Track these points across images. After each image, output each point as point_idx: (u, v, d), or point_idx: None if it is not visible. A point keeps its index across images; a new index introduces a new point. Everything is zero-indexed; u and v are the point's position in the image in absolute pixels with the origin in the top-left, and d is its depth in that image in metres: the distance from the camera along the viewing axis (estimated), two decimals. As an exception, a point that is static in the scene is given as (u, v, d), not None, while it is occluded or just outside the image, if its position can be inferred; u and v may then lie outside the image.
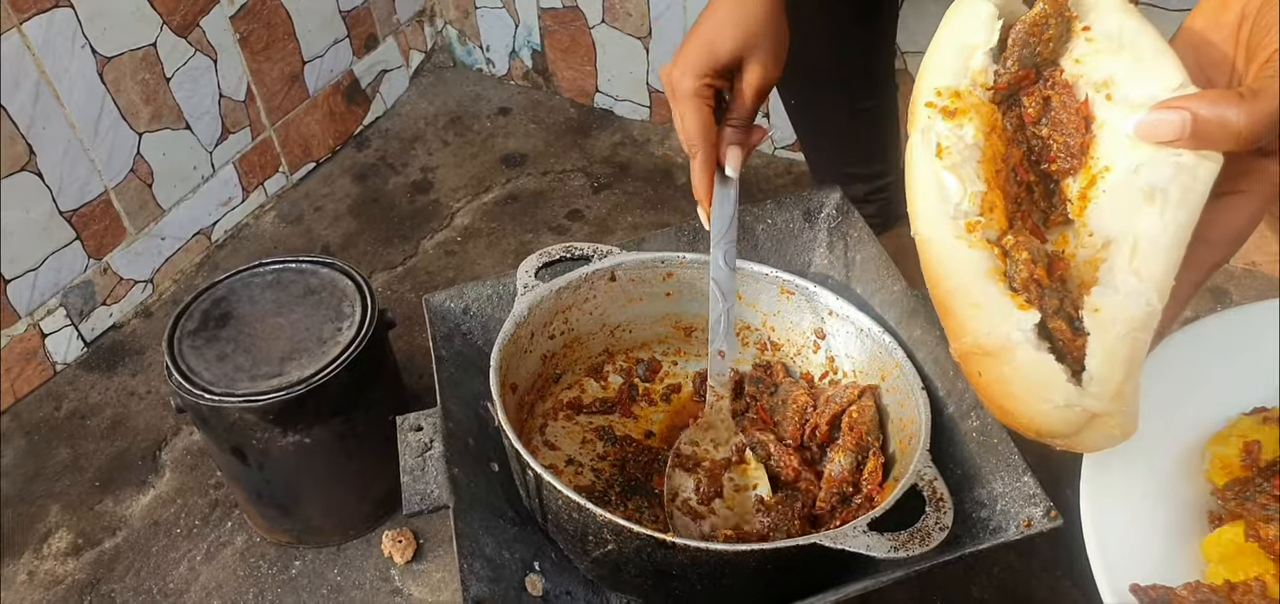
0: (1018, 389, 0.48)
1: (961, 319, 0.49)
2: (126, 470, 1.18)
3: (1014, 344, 0.47)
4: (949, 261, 0.50)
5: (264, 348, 0.95)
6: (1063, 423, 0.48)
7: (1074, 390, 0.47)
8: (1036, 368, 0.47)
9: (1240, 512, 0.52)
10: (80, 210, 1.26)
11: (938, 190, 0.51)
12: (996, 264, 0.49)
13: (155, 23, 1.29)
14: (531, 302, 0.83)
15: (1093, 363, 0.47)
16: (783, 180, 1.55)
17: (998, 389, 0.49)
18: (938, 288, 0.51)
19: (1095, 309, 0.47)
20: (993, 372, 0.49)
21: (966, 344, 0.50)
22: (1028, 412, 0.49)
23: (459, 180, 1.61)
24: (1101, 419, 0.48)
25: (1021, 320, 0.47)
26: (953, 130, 0.51)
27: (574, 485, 0.82)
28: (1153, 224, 0.46)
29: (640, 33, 1.60)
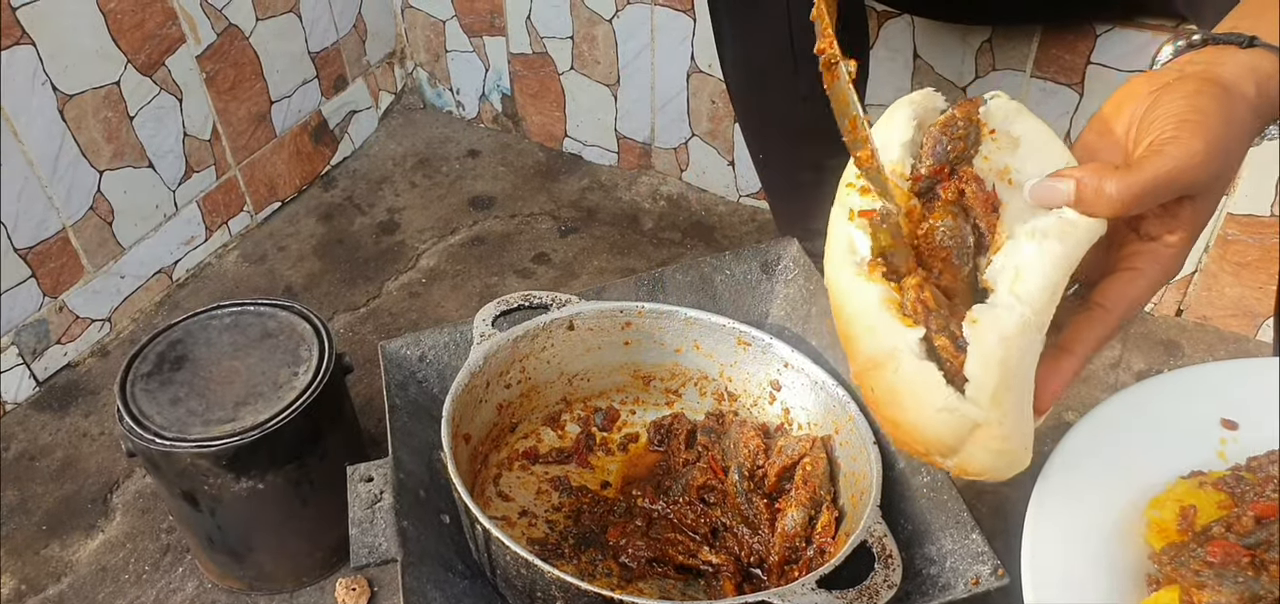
0: (903, 397, 0.53)
1: (857, 341, 0.55)
2: (75, 514, 1.15)
3: (899, 353, 0.52)
4: (850, 294, 0.55)
5: (218, 392, 0.94)
6: (946, 430, 0.52)
7: (953, 394, 0.51)
8: (919, 374, 0.52)
9: (1176, 576, 0.53)
10: (36, 248, 1.25)
11: (846, 244, 0.57)
12: (892, 296, 0.54)
13: (119, 61, 1.29)
14: (487, 351, 0.83)
15: (969, 367, 0.51)
16: (747, 228, 1.57)
17: (887, 400, 0.54)
18: (840, 320, 0.57)
19: (973, 321, 0.51)
20: (882, 383, 0.54)
21: (861, 362, 0.55)
22: (913, 418, 0.53)
23: (426, 221, 1.61)
24: (983, 431, 0.52)
25: (907, 334, 0.52)
26: (864, 202, 0.58)
27: (528, 538, 0.82)
28: (1031, 252, 0.52)
29: (609, 80, 1.62)
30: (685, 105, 1.57)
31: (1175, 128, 0.51)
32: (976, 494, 1.15)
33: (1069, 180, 0.52)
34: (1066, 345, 0.55)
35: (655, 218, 1.60)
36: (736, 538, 0.80)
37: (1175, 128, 0.51)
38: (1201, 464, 0.60)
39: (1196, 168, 0.50)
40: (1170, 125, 0.51)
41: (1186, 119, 0.51)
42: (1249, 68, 0.54)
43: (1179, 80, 0.53)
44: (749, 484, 0.82)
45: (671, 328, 0.91)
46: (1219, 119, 0.51)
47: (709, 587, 0.77)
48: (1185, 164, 0.50)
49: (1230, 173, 0.53)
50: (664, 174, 1.68)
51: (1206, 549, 0.54)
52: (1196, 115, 0.51)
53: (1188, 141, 0.50)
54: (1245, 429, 0.61)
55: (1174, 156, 0.50)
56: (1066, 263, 0.51)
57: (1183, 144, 0.50)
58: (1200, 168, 0.51)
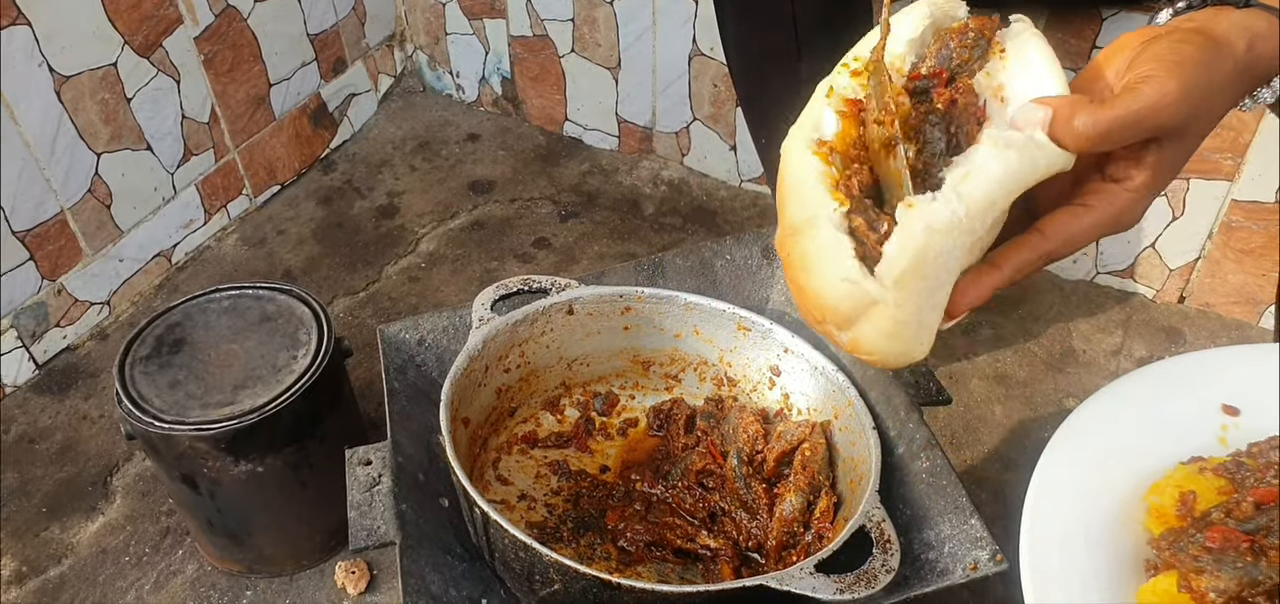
0: (812, 262, 0.54)
1: (787, 207, 0.56)
2: (75, 496, 1.15)
3: (819, 221, 0.53)
4: (794, 165, 0.56)
5: (217, 375, 0.94)
6: (845, 300, 0.53)
7: (856, 266, 0.52)
8: (832, 243, 0.53)
9: (1175, 562, 0.53)
10: (34, 230, 1.24)
11: (813, 120, 0.58)
12: (830, 173, 0.55)
13: (116, 42, 1.28)
14: (486, 335, 0.82)
15: (887, 246, 0.52)
16: (748, 213, 1.57)
17: (799, 265, 0.55)
18: (780, 188, 0.58)
19: (909, 206, 0.51)
20: (798, 249, 0.55)
21: (784, 227, 0.56)
22: (816, 283, 0.54)
23: (425, 206, 1.60)
24: (878, 310, 0.53)
25: (830, 204, 0.53)
26: (850, 83, 0.58)
27: (527, 521, 0.82)
28: (985, 157, 0.52)
29: (609, 63, 1.61)
30: (687, 89, 1.56)
31: (1152, 67, 0.51)
32: (976, 481, 1.15)
33: (1046, 107, 0.52)
34: (995, 260, 0.55)
35: (656, 203, 1.60)
36: (735, 522, 0.80)
37: (1152, 67, 0.51)
38: (1202, 450, 0.60)
39: (1167, 109, 0.51)
40: (1148, 66, 0.52)
41: (1164, 59, 0.51)
42: (1242, 26, 0.54)
43: (1169, 32, 0.54)
44: (748, 469, 0.82)
45: (671, 313, 0.90)
46: (1198, 66, 0.51)
47: (707, 571, 0.77)
48: (1156, 104, 0.50)
49: (1204, 123, 0.54)
50: (665, 158, 1.68)
51: (1206, 535, 0.53)
52: (1175, 57, 0.51)
53: (1162, 81, 0.51)
54: (1246, 415, 0.61)
55: (1145, 96, 0.51)
56: (1017, 178, 0.52)
57: (1156, 83, 0.51)
58: (1171, 109, 0.51)
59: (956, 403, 1.24)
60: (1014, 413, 1.23)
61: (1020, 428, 1.22)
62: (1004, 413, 1.23)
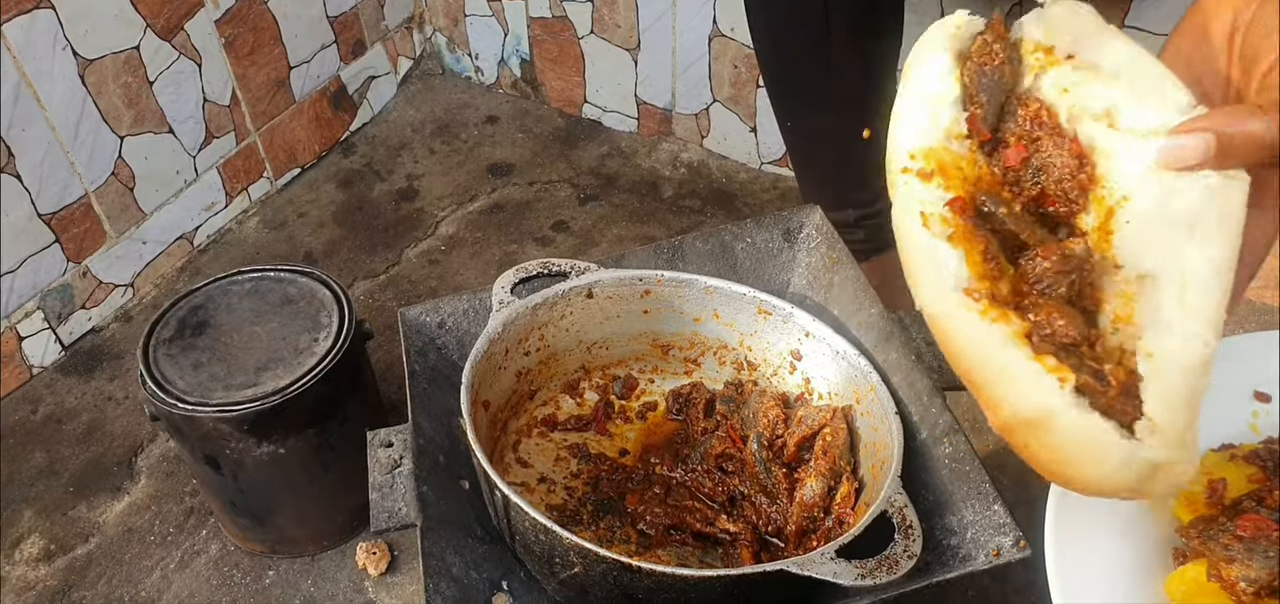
0: (1072, 455, 0.45)
1: (992, 390, 0.47)
2: (102, 476, 1.17)
3: (1054, 411, 0.44)
4: (964, 336, 0.47)
5: (240, 357, 0.95)
6: (1128, 480, 0.45)
7: (1130, 446, 0.44)
8: (1085, 430, 0.44)
9: (1204, 550, 0.52)
10: (59, 213, 1.26)
11: (933, 263, 0.48)
12: (1011, 330, 0.46)
13: (139, 26, 1.29)
14: (506, 318, 0.82)
15: (1154, 409, 0.44)
16: (768, 195, 1.55)
17: (1052, 459, 0.46)
18: (959, 363, 0.49)
19: (1149, 354, 0.45)
20: (1041, 442, 0.46)
21: (1006, 418, 0.47)
22: (1088, 476, 0.46)
23: (444, 189, 1.60)
24: (1166, 469, 0.45)
25: (1055, 389, 0.44)
26: (933, 193, 0.49)
27: (546, 504, 0.82)
28: (1196, 258, 0.44)
29: (629, 45, 1.60)
30: (707, 70, 1.55)
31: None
32: (999, 465, 1.14)
33: (1205, 133, 0.44)
34: None
35: (675, 185, 1.59)
36: (754, 507, 0.80)
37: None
38: (1233, 437, 0.59)
39: None
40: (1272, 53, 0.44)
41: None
42: None
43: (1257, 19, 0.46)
44: (768, 454, 0.82)
45: (691, 296, 0.90)
46: None
47: (726, 555, 0.77)
48: None
49: None
50: (684, 140, 1.67)
51: (1236, 523, 0.53)
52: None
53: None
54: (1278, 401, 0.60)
55: None
56: (1233, 256, 0.45)
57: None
58: None
59: (978, 388, 1.23)
60: (1037, 398, 1.21)
61: (1043, 413, 1.20)
62: (1027, 398, 1.21)
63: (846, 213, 1.14)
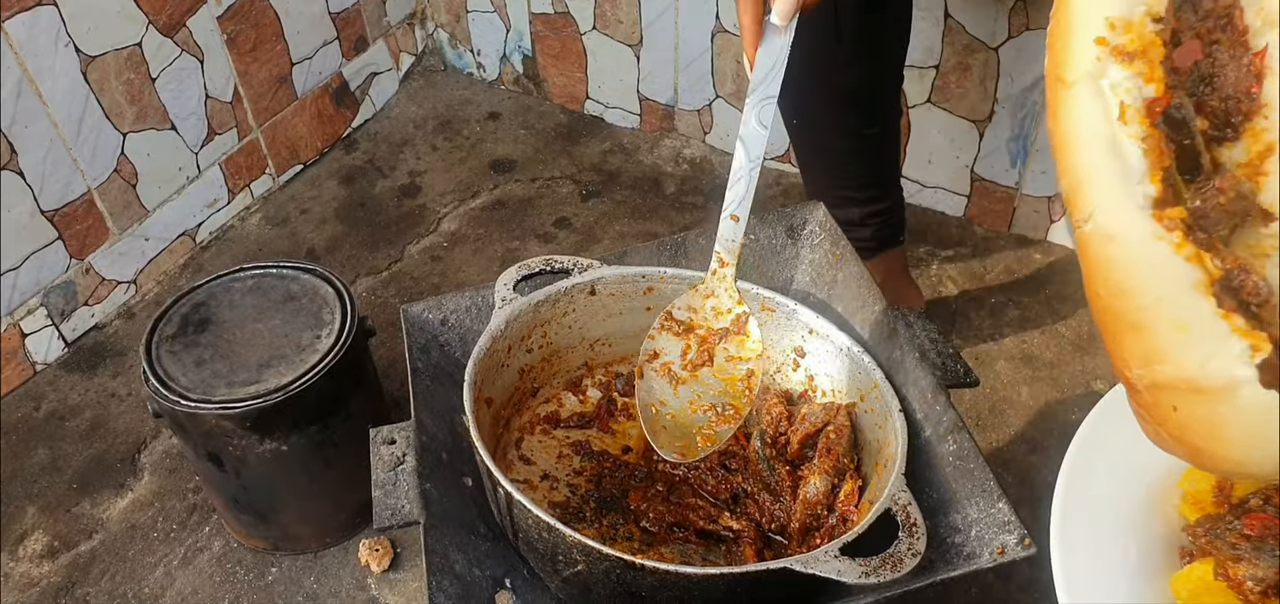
0: (1234, 434, 0.39)
1: (1159, 340, 0.39)
2: (105, 473, 1.17)
3: (1240, 383, 0.37)
4: (1138, 266, 0.39)
5: (242, 354, 0.95)
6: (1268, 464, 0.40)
7: None
8: (1263, 409, 0.37)
9: (1210, 549, 0.52)
10: (62, 210, 1.26)
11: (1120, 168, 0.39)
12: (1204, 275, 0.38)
13: (141, 22, 1.28)
14: (509, 315, 0.82)
15: None
16: (771, 192, 1.55)
17: (1201, 430, 0.40)
18: (1123, 298, 0.40)
19: None
20: (1199, 411, 0.39)
21: (1164, 376, 0.39)
22: (1239, 456, 0.40)
23: (447, 185, 1.60)
24: None
25: (1238, 348, 0.37)
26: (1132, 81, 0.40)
27: (549, 501, 0.82)
28: None
29: (631, 40, 1.60)
30: (709, 66, 1.55)
31: None
32: (1003, 463, 1.14)
33: None
34: None
35: (678, 182, 1.59)
36: (758, 504, 0.80)
37: None
38: (1239, 435, 0.58)
39: None
40: None
41: None
42: None
43: None
44: (771, 451, 0.82)
45: (694, 293, 0.90)
46: None
47: (729, 552, 0.77)
48: None
49: None
50: (687, 137, 1.66)
51: (1243, 522, 0.52)
52: None
53: None
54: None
55: None
56: None
57: None
58: None
59: (983, 385, 1.23)
60: (1041, 395, 1.21)
61: (1047, 410, 1.20)
62: (1031, 395, 1.21)
63: (851, 211, 1.14)
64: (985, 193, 1.43)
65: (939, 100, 1.37)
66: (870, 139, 1.11)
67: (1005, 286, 1.36)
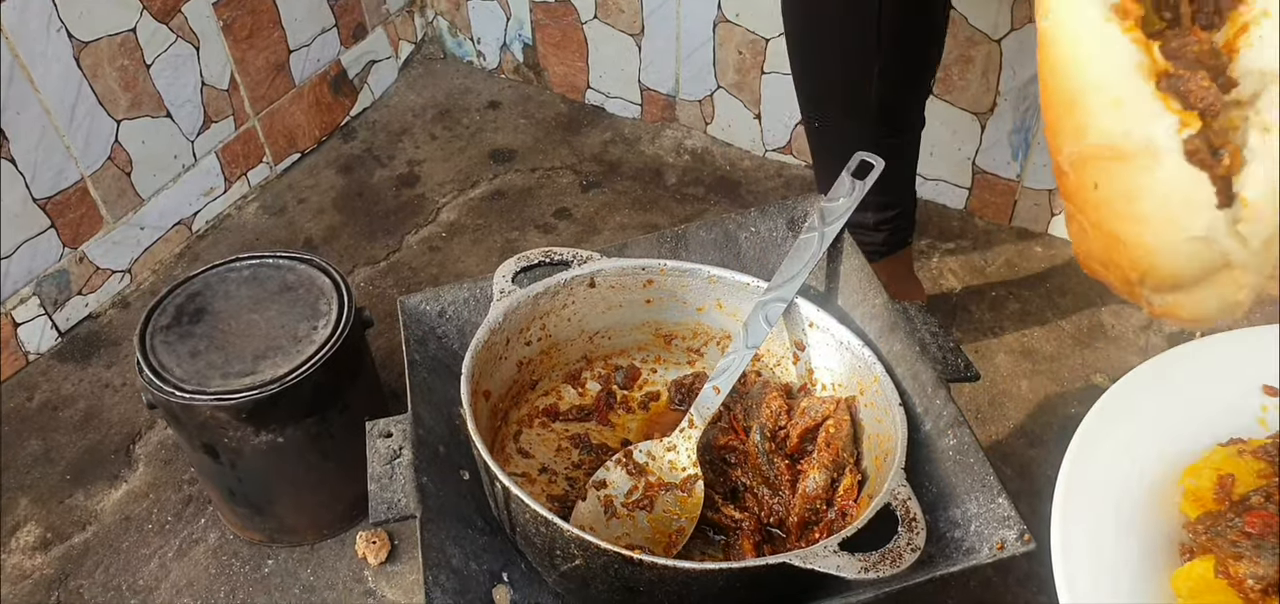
0: (1148, 208, 0.40)
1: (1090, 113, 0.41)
2: (99, 464, 1.16)
3: (1161, 150, 0.39)
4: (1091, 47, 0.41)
5: (238, 345, 0.94)
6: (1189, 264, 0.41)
7: (1221, 220, 0.39)
8: (1182, 183, 0.39)
9: (1211, 546, 0.52)
10: (55, 198, 1.25)
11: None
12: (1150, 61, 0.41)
13: (135, 8, 1.27)
14: (507, 307, 0.82)
15: (1253, 190, 0.39)
16: (773, 183, 1.54)
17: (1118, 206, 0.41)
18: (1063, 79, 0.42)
19: (1265, 128, 0.39)
20: (1119, 183, 0.41)
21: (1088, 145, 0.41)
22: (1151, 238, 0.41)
23: (446, 175, 1.59)
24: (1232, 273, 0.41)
25: (1169, 122, 0.39)
26: None
27: (547, 494, 0.81)
28: None
29: (633, 29, 1.59)
30: (711, 56, 1.54)
31: None
32: (1003, 456, 1.14)
33: None
34: None
35: (679, 172, 1.58)
36: (757, 498, 0.79)
37: None
38: (1241, 431, 0.58)
39: None
40: None
41: None
42: None
43: None
44: (771, 445, 0.81)
45: (694, 286, 0.89)
46: None
47: (728, 546, 0.77)
48: None
49: None
50: (688, 127, 1.65)
51: (1244, 519, 0.52)
52: None
53: None
54: (1290, 397, 0.59)
55: None
56: None
57: None
58: None
59: (983, 378, 1.22)
60: (1041, 388, 1.21)
61: (1047, 403, 1.20)
62: (1031, 388, 1.21)
63: (867, 214, 1.13)
64: (987, 185, 1.42)
65: (941, 92, 1.37)
66: (893, 147, 1.10)
67: (1006, 279, 1.35)
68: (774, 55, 1.47)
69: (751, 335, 0.81)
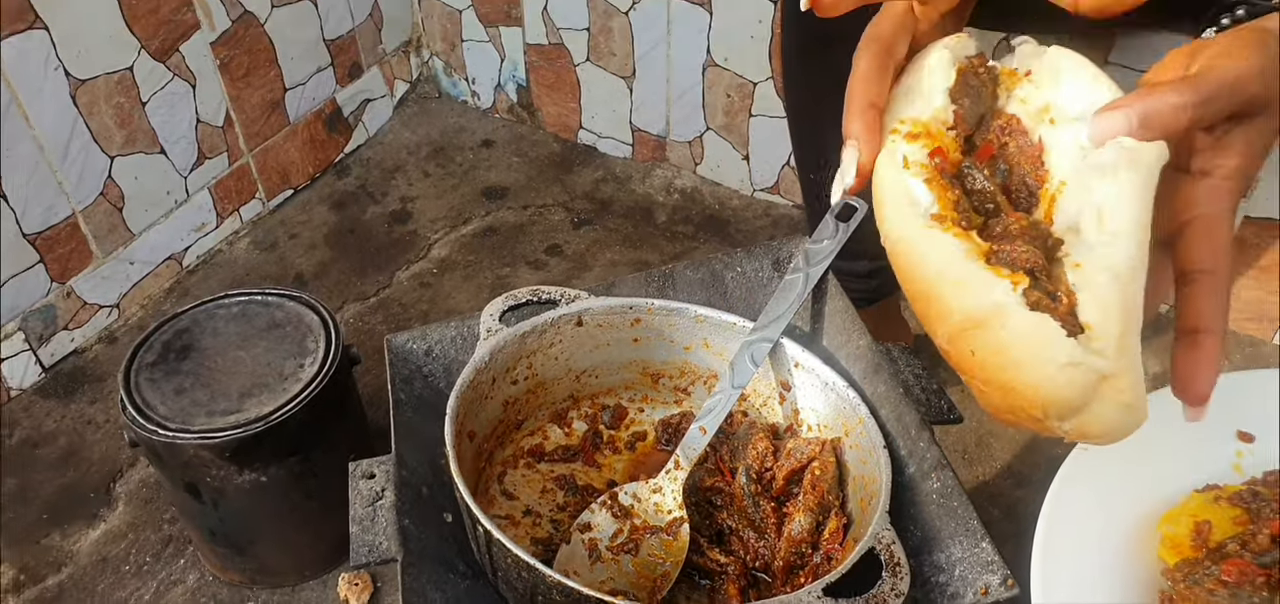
0: (1017, 354, 0.46)
1: (945, 300, 0.48)
2: (77, 503, 1.15)
3: (1006, 307, 0.46)
4: (924, 250, 0.49)
5: (223, 382, 0.94)
6: (1071, 388, 0.46)
7: (1075, 345, 0.45)
8: (1034, 326, 0.45)
9: (1188, 595, 0.52)
10: (45, 233, 1.25)
11: (906, 197, 0.51)
12: (975, 245, 0.48)
13: (133, 47, 1.28)
14: (494, 346, 0.82)
15: (1087, 314, 0.46)
16: (761, 222, 1.55)
17: (995, 361, 0.47)
18: (916, 282, 0.50)
19: (1076, 265, 0.46)
20: (988, 343, 0.47)
21: (955, 324, 0.48)
22: (1030, 378, 0.47)
23: (438, 211, 1.60)
24: (1111, 383, 0.46)
25: (1008, 287, 0.46)
26: (917, 150, 0.53)
27: (532, 537, 0.81)
28: (1106, 190, 0.47)
29: (624, 72, 1.61)
30: (700, 98, 1.55)
31: (1222, 47, 0.48)
32: (990, 497, 1.13)
33: (1127, 107, 0.47)
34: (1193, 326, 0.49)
35: (669, 211, 1.59)
36: (742, 541, 0.79)
37: (1222, 47, 0.48)
38: (1216, 477, 0.58)
39: (1253, 77, 0.47)
40: (1216, 49, 0.48)
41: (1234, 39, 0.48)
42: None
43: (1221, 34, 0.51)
44: (756, 487, 0.81)
45: (681, 325, 0.89)
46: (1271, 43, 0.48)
47: (712, 592, 0.76)
48: (1240, 73, 0.47)
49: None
50: (678, 167, 1.67)
51: (1221, 567, 0.52)
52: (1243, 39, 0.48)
53: (1239, 54, 0.47)
54: (1261, 441, 0.60)
55: (1226, 68, 0.47)
56: (1146, 191, 0.47)
57: (1234, 57, 0.47)
58: (1257, 79, 0.47)
59: (969, 418, 1.22)
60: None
61: (1033, 444, 1.20)
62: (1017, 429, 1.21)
63: (860, 263, 1.14)
64: (973, 228, 1.43)
65: (927, 135, 1.38)
66: None
67: (993, 322, 1.36)
68: (761, 98, 1.49)
69: (737, 375, 0.81)
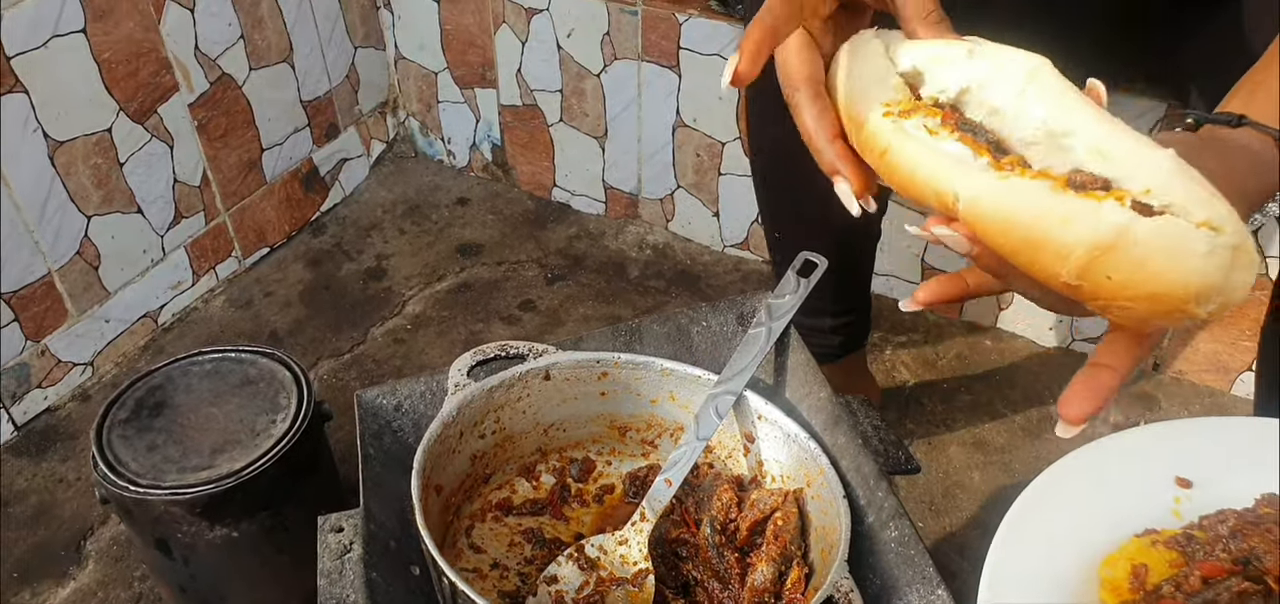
0: (1158, 264, 0.45)
1: (1057, 239, 0.47)
2: (47, 561, 1.14)
3: (1127, 225, 0.45)
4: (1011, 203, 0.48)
5: (196, 439, 0.95)
6: (1218, 272, 0.46)
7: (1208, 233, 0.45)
8: (1161, 231, 0.45)
9: (1127, 636, 0.54)
10: (20, 292, 1.26)
11: (953, 162, 0.49)
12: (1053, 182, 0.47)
13: (112, 109, 1.31)
14: (461, 401, 0.83)
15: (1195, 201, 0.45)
16: (731, 277, 1.59)
17: (1138, 277, 0.46)
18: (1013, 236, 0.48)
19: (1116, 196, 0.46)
20: (1123, 263, 0.46)
21: (1080, 258, 0.46)
22: (1178, 277, 0.46)
23: (413, 268, 1.62)
24: (1241, 251, 0.46)
25: (1115, 204, 0.46)
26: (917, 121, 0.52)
27: (499, 591, 0.81)
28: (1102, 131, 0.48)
29: (597, 133, 1.65)
30: (671, 157, 1.60)
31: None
32: (957, 547, 1.15)
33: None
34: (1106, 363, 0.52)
35: (641, 266, 1.62)
36: (707, 592, 0.80)
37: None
38: (1155, 522, 0.60)
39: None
40: None
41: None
42: (1240, 145, 0.53)
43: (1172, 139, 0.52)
44: (721, 538, 0.82)
45: (648, 379, 0.91)
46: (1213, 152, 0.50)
47: (678, 642, 0.77)
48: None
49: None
50: (650, 223, 1.70)
51: (1158, 609, 0.54)
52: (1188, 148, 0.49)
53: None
54: (1199, 487, 0.62)
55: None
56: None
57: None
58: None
59: (936, 469, 1.25)
60: (993, 479, 1.23)
61: (999, 494, 1.22)
62: (983, 479, 1.23)
63: (824, 320, 1.17)
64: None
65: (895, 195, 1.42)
66: (848, 261, 1.14)
67: (957, 373, 1.39)
68: (729, 157, 1.53)
69: (702, 427, 0.83)
